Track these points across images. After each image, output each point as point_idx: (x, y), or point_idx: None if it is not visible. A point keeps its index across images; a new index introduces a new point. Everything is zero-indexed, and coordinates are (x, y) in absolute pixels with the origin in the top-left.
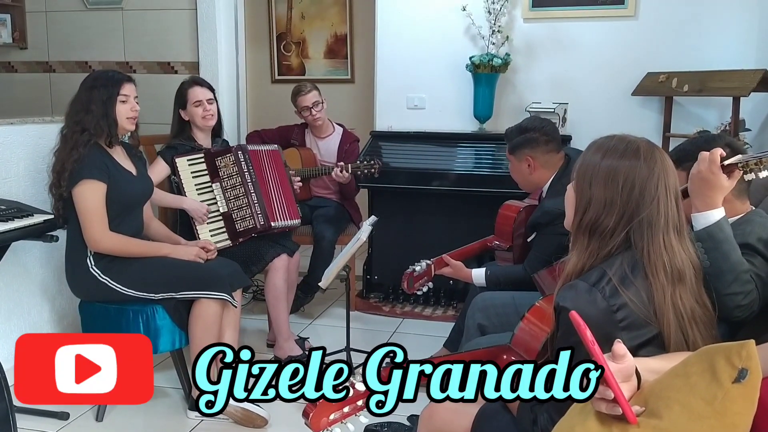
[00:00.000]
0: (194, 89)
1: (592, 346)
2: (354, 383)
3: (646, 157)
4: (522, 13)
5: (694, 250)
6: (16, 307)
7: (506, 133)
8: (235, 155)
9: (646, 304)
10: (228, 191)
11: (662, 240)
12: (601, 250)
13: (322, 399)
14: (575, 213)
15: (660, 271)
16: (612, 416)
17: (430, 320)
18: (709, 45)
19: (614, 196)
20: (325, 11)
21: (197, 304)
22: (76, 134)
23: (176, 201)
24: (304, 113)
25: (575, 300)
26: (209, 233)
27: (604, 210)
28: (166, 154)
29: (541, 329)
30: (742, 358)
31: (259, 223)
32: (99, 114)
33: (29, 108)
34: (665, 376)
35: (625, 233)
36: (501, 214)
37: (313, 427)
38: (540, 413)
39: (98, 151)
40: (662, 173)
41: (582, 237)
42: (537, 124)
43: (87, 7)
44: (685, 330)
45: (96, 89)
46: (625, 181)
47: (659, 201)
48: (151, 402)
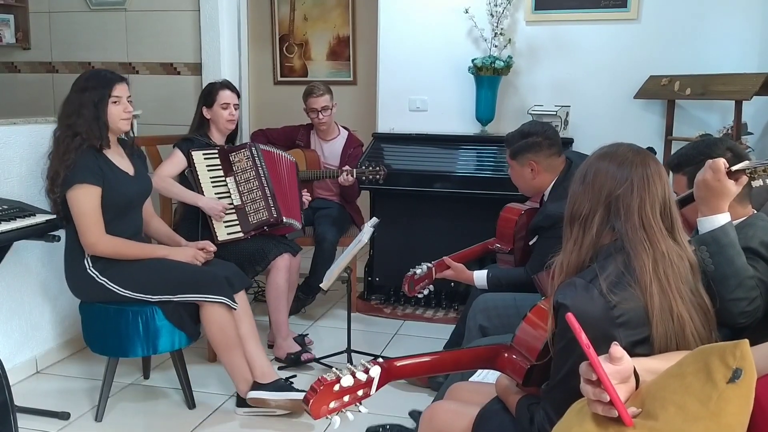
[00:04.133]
0: (225, 92)
1: (587, 349)
2: (355, 372)
3: (625, 156)
4: (524, 15)
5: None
6: (18, 307)
7: (507, 139)
8: (249, 151)
9: (641, 300)
10: (242, 185)
11: (638, 219)
12: (585, 237)
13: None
14: (565, 213)
15: (639, 246)
16: (609, 418)
17: (431, 322)
18: (711, 48)
19: (587, 187)
20: (328, 13)
21: (204, 310)
22: (68, 138)
23: (193, 198)
24: (311, 114)
25: (573, 297)
26: (224, 225)
27: (579, 201)
28: (182, 146)
29: (543, 329)
30: (736, 357)
31: (272, 215)
32: (90, 117)
33: (32, 108)
34: (661, 377)
35: (601, 216)
36: (502, 216)
37: (313, 414)
38: (537, 411)
39: (92, 154)
40: (640, 168)
41: (568, 229)
42: (539, 129)
43: (90, 8)
44: (669, 302)
45: (87, 91)
46: (596, 175)
47: (632, 184)
48: (151, 402)
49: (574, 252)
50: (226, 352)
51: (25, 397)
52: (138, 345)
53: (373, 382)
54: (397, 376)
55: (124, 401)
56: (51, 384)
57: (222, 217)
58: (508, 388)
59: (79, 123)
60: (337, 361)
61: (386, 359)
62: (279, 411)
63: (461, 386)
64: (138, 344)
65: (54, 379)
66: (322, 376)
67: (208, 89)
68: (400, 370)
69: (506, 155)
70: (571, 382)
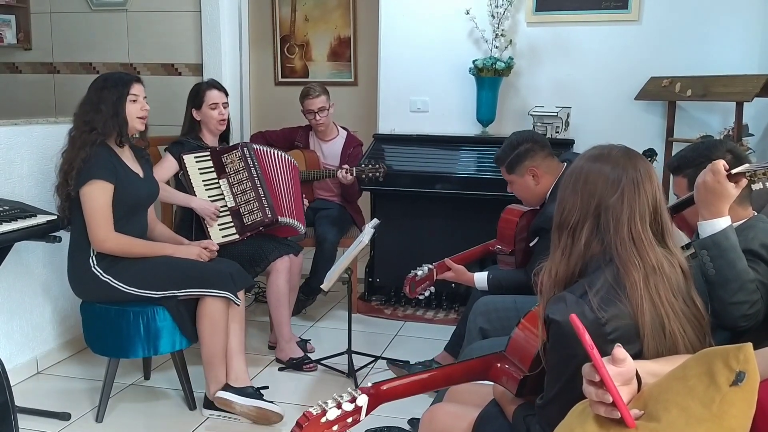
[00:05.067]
0: (212, 92)
1: (591, 350)
2: (341, 402)
3: (615, 160)
4: (525, 16)
5: (686, 253)
6: (19, 308)
7: (498, 157)
8: (240, 151)
9: (632, 317)
10: (235, 186)
11: (628, 232)
12: (574, 247)
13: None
14: (554, 216)
15: (629, 262)
16: (611, 420)
17: (431, 323)
18: (712, 50)
19: (576, 194)
20: (329, 14)
21: (202, 302)
22: (85, 134)
23: (185, 200)
24: (309, 116)
25: (564, 312)
26: (218, 227)
27: (569, 208)
28: (173, 150)
29: (536, 336)
30: (740, 361)
31: (267, 216)
32: (109, 114)
33: (33, 109)
34: (664, 380)
35: (590, 228)
36: (503, 218)
37: None
38: (532, 424)
39: (107, 152)
40: (630, 173)
41: (556, 236)
42: (525, 135)
43: (91, 9)
44: (661, 319)
45: (106, 89)
46: (586, 180)
47: (623, 194)
48: (152, 403)
49: (563, 262)
50: (210, 349)
51: (26, 398)
52: (139, 346)
53: (362, 410)
54: (386, 399)
55: (125, 402)
56: (52, 384)
57: (215, 219)
58: (504, 394)
59: (97, 119)
60: (338, 362)
61: (374, 384)
62: (243, 419)
63: (461, 388)
64: (139, 345)
65: (55, 380)
66: (307, 411)
67: (195, 90)
68: (389, 394)
69: (502, 174)
70: (565, 398)
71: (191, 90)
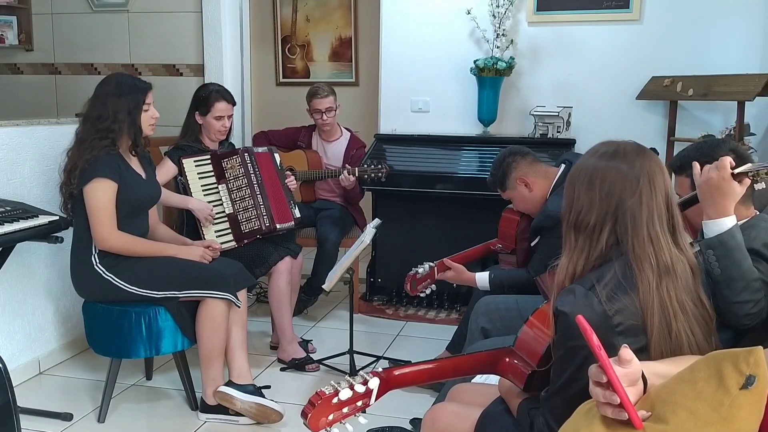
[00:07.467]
0: (221, 104)
1: (599, 350)
2: (354, 384)
3: (630, 157)
4: (526, 16)
5: (692, 251)
6: (21, 308)
7: (489, 182)
8: (241, 157)
9: (640, 309)
10: (234, 192)
11: (646, 233)
12: (592, 249)
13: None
14: (564, 213)
15: (645, 262)
16: (617, 421)
17: (433, 323)
18: (714, 49)
19: (593, 194)
20: (330, 14)
21: (203, 304)
22: (96, 140)
23: (182, 201)
24: (315, 116)
25: (573, 304)
26: (215, 234)
27: (585, 208)
28: (173, 155)
29: (545, 333)
30: (750, 364)
31: (265, 224)
32: (126, 123)
33: (35, 110)
34: (672, 381)
35: (609, 229)
36: (504, 217)
37: (312, 427)
38: (536, 417)
39: (111, 152)
40: (646, 170)
41: (570, 235)
42: (504, 153)
43: (93, 10)
44: (669, 321)
45: (123, 97)
46: (603, 180)
47: (641, 195)
48: (153, 403)
49: (581, 261)
50: (209, 350)
51: (28, 398)
52: (141, 346)
53: (372, 393)
54: (396, 385)
55: (127, 402)
56: (54, 385)
57: (210, 221)
58: (511, 390)
59: (114, 128)
60: (340, 362)
61: (385, 369)
62: (241, 420)
63: (463, 387)
64: (141, 345)
65: (57, 380)
66: (320, 390)
67: (204, 96)
68: (399, 380)
69: (501, 195)
70: (570, 390)
71: (199, 92)
